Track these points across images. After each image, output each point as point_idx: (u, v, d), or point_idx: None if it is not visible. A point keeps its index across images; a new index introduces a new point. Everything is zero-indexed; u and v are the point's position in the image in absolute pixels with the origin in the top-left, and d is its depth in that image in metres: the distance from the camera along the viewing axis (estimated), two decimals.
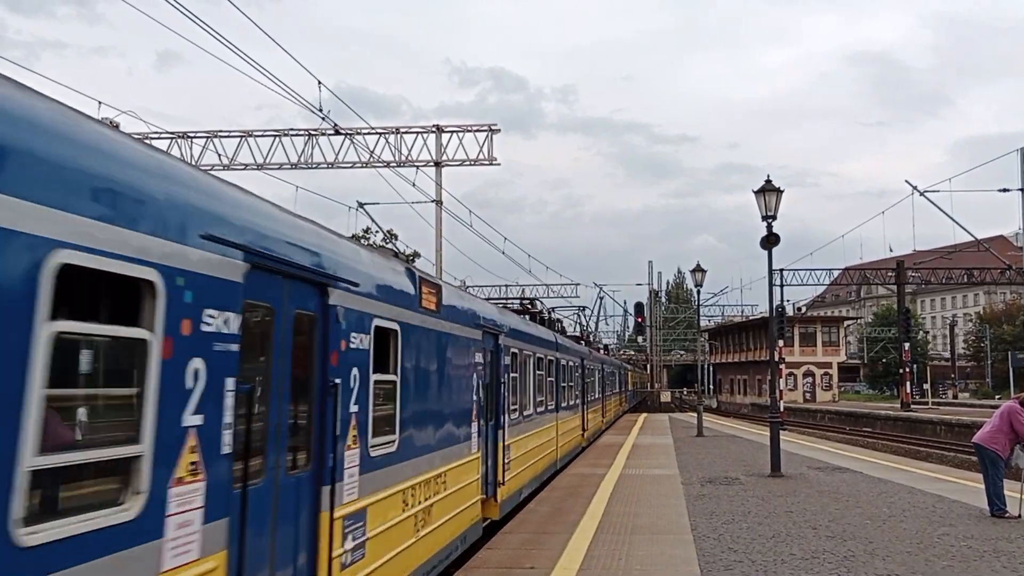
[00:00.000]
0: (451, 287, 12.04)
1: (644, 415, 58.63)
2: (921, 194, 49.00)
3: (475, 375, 11.93)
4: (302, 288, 6.22)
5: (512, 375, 15.29)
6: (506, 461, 14.26)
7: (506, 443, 14.29)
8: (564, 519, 13.46)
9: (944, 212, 50.78)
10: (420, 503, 9.10)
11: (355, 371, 7.10)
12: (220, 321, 4.94)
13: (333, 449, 6.59)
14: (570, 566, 10.04)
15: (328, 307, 6.58)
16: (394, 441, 8.18)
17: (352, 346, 7.04)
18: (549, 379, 20.40)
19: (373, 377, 7.58)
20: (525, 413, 16.71)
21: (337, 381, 6.67)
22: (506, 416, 14.30)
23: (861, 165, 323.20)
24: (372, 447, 7.50)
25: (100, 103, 20.21)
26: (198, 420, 4.72)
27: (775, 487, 17.56)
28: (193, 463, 4.67)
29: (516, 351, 15.62)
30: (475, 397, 11.92)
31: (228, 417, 5.02)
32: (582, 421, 28.06)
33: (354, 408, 7.06)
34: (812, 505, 14.92)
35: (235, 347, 5.09)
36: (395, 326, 8.26)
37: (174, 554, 4.50)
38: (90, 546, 3.81)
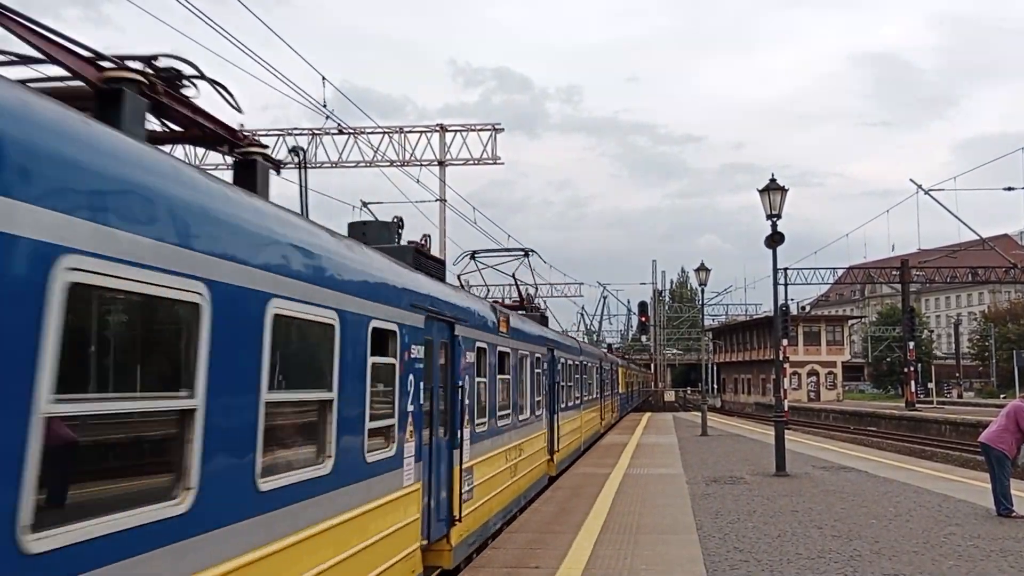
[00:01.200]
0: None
1: (648, 414, 58.59)
2: (926, 193, 48.90)
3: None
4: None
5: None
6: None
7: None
8: (569, 519, 13.45)
9: (949, 211, 50.49)
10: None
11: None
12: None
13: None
14: (575, 566, 10.02)
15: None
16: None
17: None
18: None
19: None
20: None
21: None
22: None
23: (866, 165, 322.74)
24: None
25: None
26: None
27: (780, 486, 17.52)
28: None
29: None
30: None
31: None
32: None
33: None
34: (817, 504, 14.89)
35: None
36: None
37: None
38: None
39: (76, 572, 3.52)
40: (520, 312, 18.30)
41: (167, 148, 5.74)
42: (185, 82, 5.67)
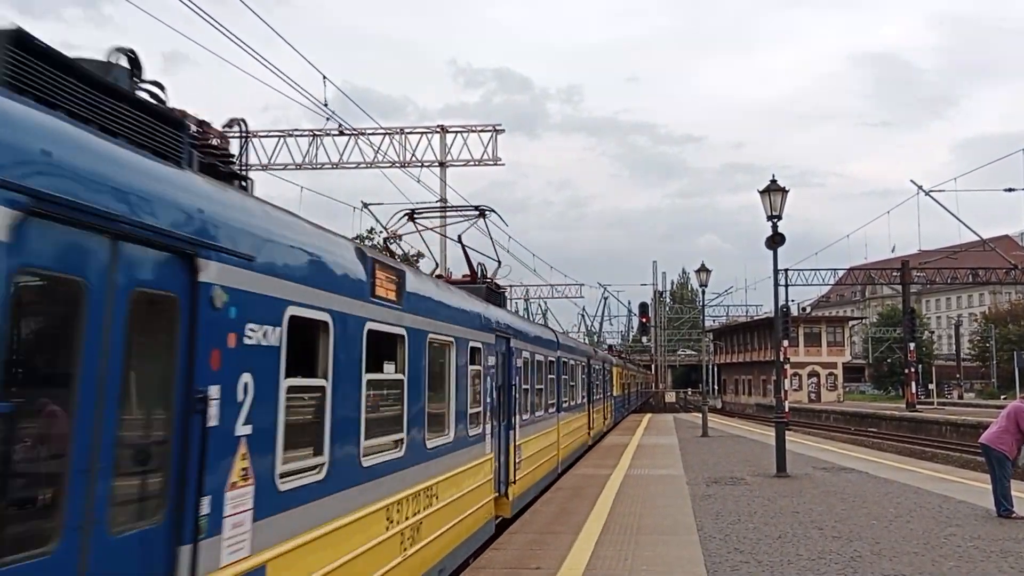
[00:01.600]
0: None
1: (649, 415, 58.59)
2: (927, 194, 48.83)
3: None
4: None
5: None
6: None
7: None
8: (569, 519, 13.45)
9: (949, 212, 50.39)
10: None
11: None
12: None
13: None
14: (576, 567, 10.03)
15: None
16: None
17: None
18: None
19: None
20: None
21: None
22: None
23: (866, 165, 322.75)
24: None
25: None
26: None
27: (781, 487, 17.53)
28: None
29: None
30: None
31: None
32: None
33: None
34: (818, 505, 14.89)
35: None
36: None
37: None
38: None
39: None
40: (464, 287, 13.47)
41: None
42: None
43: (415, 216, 16.36)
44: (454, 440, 10.36)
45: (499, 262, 17.13)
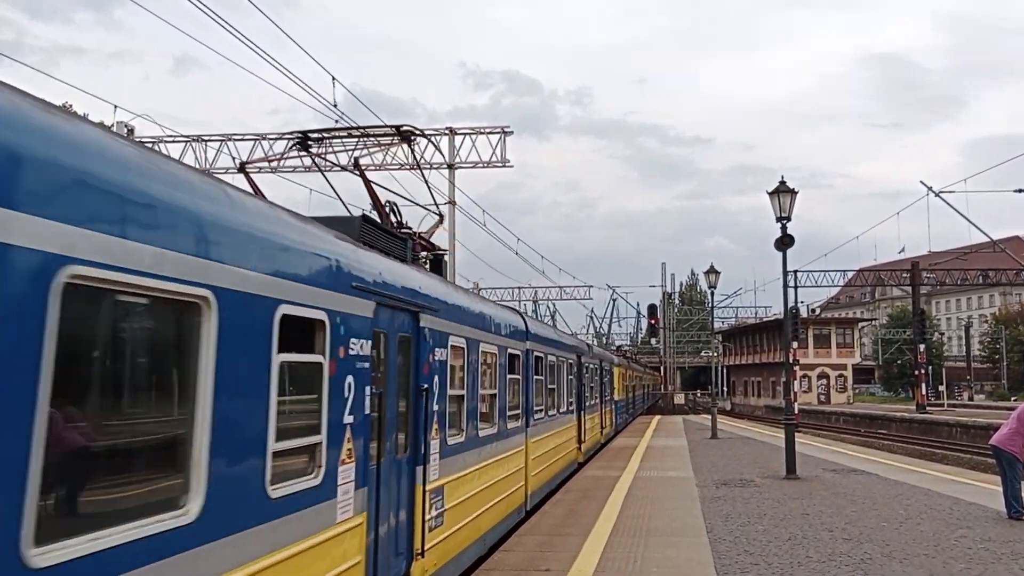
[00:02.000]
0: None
1: (658, 417, 58.53)
2: (936, 195, 48.75)
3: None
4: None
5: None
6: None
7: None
8: (579, 521, 13.46)
9: (959, 213, 50.34)
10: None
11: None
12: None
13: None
14: (585, 568, 10.03)
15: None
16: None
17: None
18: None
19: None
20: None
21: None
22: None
23: (875, 166, 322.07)
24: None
25: (116, 107, 20.31)
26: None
27: (790, 489, 17.50)
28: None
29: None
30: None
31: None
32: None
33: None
34: (828, 507, 14.86)
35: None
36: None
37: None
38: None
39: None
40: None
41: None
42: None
43: (309, 144, 12.91)
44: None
45: (440, 216, 13.68)
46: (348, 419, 6.57)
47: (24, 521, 3.23)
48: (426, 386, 8.77)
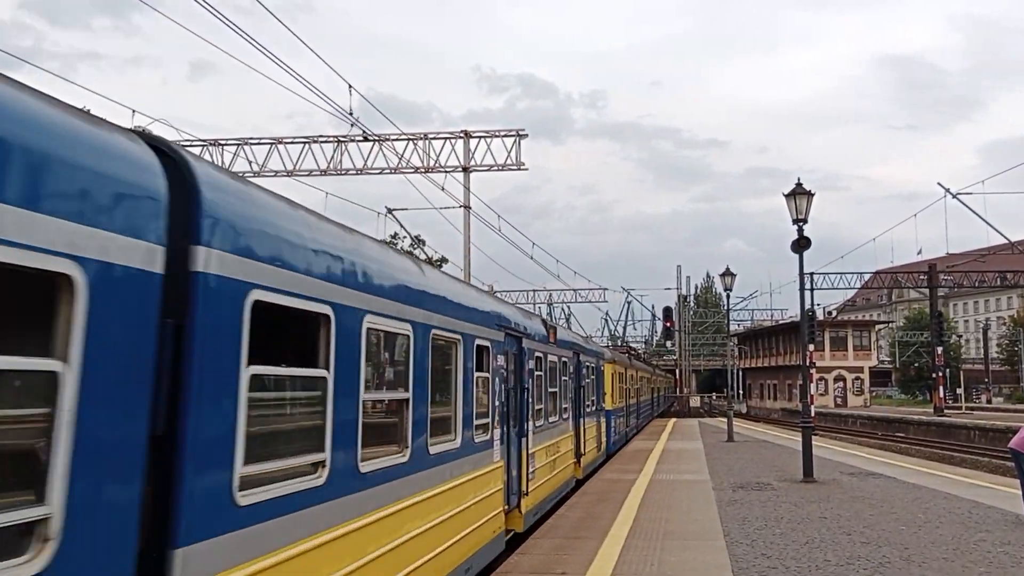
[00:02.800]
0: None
1: (673, 420, 58.42)
2: (954, 196, 48.35)
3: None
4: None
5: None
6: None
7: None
8: (595, 524, 13.45)
9: (977, 215, 49.93)
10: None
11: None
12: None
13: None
14: (602, 571, 10.02)
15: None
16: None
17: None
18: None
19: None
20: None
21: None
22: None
23: (892, 168, 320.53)
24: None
25: (134, 112, 20.46)
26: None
27: (808, 492, 17.43)
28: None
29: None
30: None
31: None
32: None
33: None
34: (846, 511, 14.80)
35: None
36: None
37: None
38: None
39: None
40: None
41: None
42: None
43: None
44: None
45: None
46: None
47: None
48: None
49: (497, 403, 11.28)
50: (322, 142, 34.82)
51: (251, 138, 35.17)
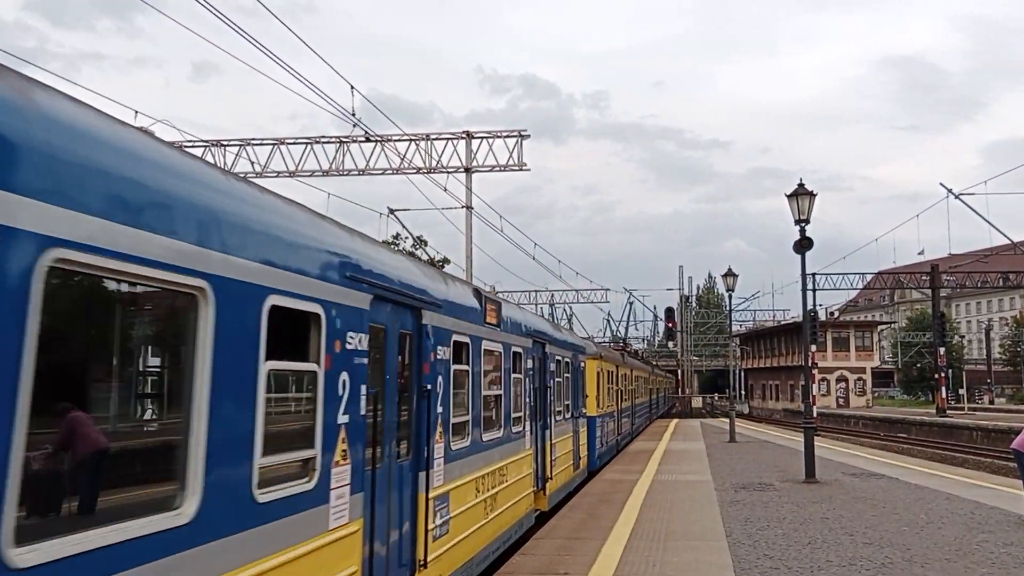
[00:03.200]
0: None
1: (675, 421, 58.42)
2: (956, 197, 48.31)
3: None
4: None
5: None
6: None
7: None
8: (597, 525, 13.45)
9: (979, 215, 50.09)
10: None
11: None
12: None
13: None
14: (604, 572, 10.03)
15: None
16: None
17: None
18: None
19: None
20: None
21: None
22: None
23: (894, 168, 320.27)
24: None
25: (136, 112, 20.46)
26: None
27: (810, 493, 17.43)
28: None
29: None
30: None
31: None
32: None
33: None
34: (848, 511, 14.79)
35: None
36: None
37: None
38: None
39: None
40: None
41: None
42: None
43: None
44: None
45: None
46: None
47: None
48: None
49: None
50: (324, 142, 34.82)
51: (253, 139, 35.19)
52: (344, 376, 6.28)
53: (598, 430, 23.49)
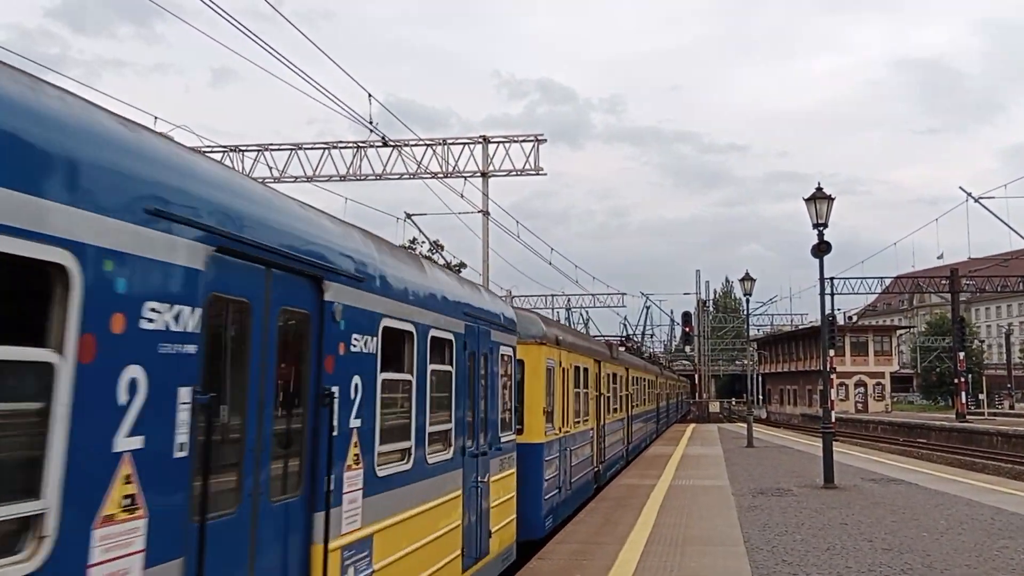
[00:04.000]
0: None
1: (693, 425, 58.22)
2: (976, 200, 48.00)
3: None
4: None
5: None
6: None
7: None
8: (614, 530, 13.43)
9: (999, 218, 49.85)
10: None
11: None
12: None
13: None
14: None
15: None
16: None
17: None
18: None
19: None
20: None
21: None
22: None
23: (913, 172, 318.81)
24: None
25: (156, 118, 20.59)
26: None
27: (828, 499, 17.34)
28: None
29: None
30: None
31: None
32: None
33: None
34: (867, 517, 14.71)
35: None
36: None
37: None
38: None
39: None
40: None
41: None
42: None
43: None
44: None
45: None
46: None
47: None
48: None
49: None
50: (341, 148, 34.98)
51: (271, 144, 35.39)
52: (133, 373, 3.73)
53: (553, 465, 14.86)
